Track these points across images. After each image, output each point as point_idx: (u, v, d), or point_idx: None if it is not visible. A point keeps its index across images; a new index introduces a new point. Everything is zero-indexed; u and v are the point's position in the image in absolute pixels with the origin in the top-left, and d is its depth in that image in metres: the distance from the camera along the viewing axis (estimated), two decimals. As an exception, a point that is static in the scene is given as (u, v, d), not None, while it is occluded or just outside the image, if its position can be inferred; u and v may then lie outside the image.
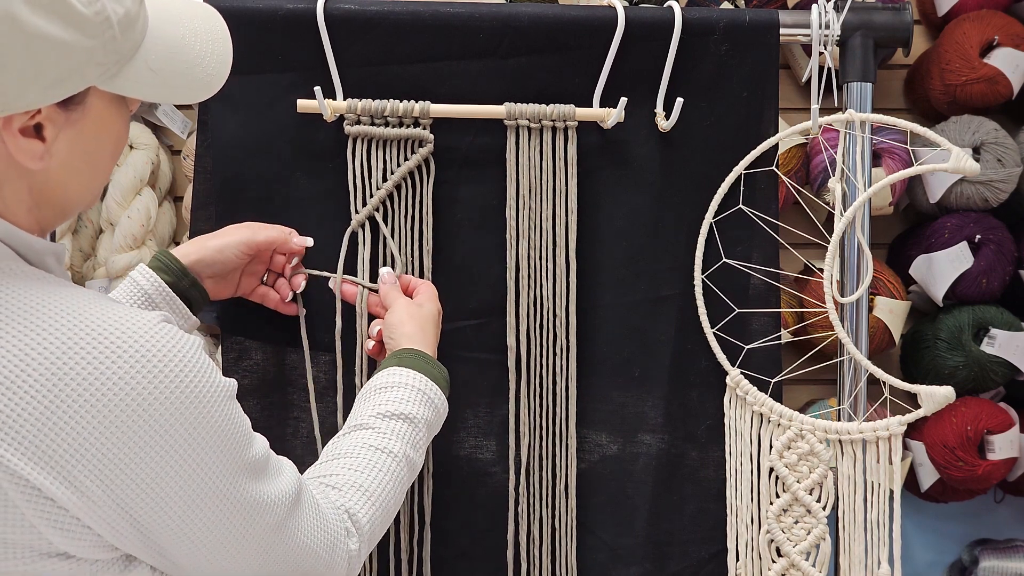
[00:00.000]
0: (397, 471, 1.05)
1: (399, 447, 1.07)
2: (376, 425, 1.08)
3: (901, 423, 1.34)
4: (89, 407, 0.76)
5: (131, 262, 1.65)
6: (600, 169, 1.38)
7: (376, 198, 1.33)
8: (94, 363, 0.77)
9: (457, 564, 1.38)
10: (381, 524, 1.03)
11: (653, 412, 1.39)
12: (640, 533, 1.39)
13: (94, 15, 0.79)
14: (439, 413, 1.15)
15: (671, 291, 1.39)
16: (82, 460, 0.76)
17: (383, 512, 1.03)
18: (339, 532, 0.97)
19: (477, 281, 1.38)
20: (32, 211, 0.87)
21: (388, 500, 1.04)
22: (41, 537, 0.78)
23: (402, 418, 1.09)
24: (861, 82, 1.39)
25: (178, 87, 0.89)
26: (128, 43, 0.84)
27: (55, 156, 0.84)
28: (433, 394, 1.14)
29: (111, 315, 0.79)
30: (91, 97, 0.85)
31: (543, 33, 1.35)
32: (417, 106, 1.32)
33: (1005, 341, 1.70)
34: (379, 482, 1.03)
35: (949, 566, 1.92)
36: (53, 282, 0.83)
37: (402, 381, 1.13)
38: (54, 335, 0.77)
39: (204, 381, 0.82)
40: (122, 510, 0.79)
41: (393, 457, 1.05)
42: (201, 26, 0.92)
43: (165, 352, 0.79)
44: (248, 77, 1.34)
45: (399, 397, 1.11)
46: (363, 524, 1.00)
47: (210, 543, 0.84)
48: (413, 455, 1.09)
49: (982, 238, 1.70)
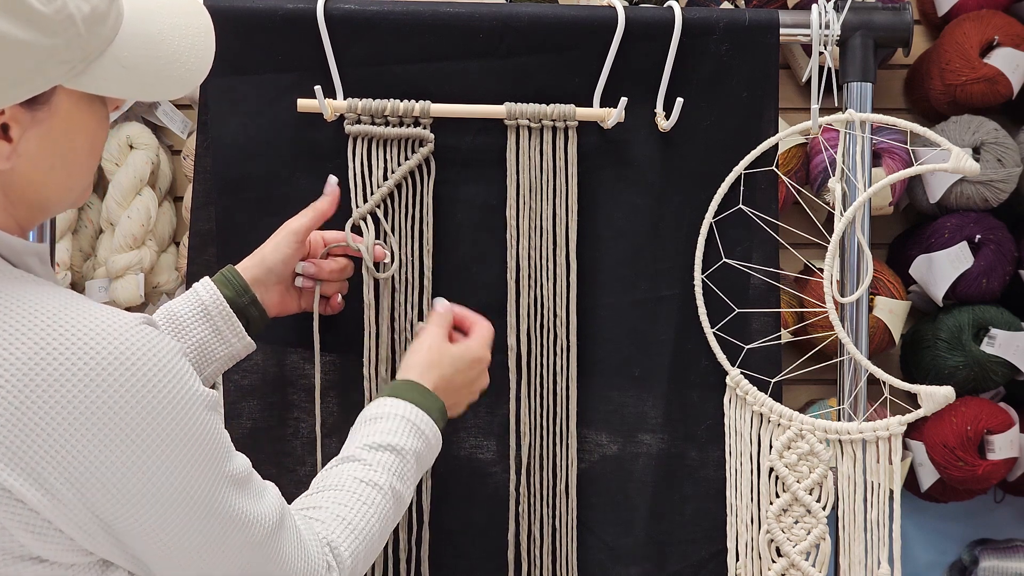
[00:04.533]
0: (383, 504, 1.01)
1: (385, 479, 1.02)
2: (363, 457, 1.04)
3: (901, 423, 1.34)
4: (60, 408, 0.75)
5: (131, 262, 1.65)
6: (600, 169, 1.38)
7: (377, 195, 1.33)
8: (67, 363, 0.76)
9: (457, 564, 1.38)
10: (364, 560, 0.99)
11: (653, 412, 1.39)
12: (640, 533, 1.39)
13: (54, 13, 0.77)
14: (430, 445, 1.10)
15: (671, 291, 1.39)
16: (52, 462, 0.75)
17: (366, 547, 0.99)
18: (320, 565, 0.93)
19: (477, 281, 1.38)
20: (8, 211, 0.85)
21: (372, 535, 0.99)
22: (12, 540, 0.77)
23: (389, 449, 1.05)
24: (861, 82, 1.39)
25: (153, 84, 0.87)
26: (96, 40, 0.81)
27: (24, 156, 0.82)
28: (424, 425, 1.09)
29: (86, 315, 0.78)
30: (58, 96, 0.82)
31: (543, 33, 1.35)
32: (417, 106, 1.32)
33: (1005, 341, 1.70)
34: (362, 515, 0.99)
35: (949, 566, 1.92)
36: (31, 282, 0.82)
37: (392, 412, 1.08)
38: (27, 335, 0.76)
39: (178, 386, 0.80)
40: (92, 513, 0.78)
41: (379, 490, 1.01)
42: (181, 21, 0.89)
43: (139, 354, 0.78)
44: (248, 77, 1.34)
45: (387, 428, 1.06)
46: (345, 558, 0.96)
47: (183, 550, 0.82)
48: (400, 488, 1.04)
49: (982, 238, 1.70)
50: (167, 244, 1.75)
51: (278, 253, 1.23)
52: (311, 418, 1.35)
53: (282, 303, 1.26)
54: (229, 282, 1.20)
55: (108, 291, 1.68)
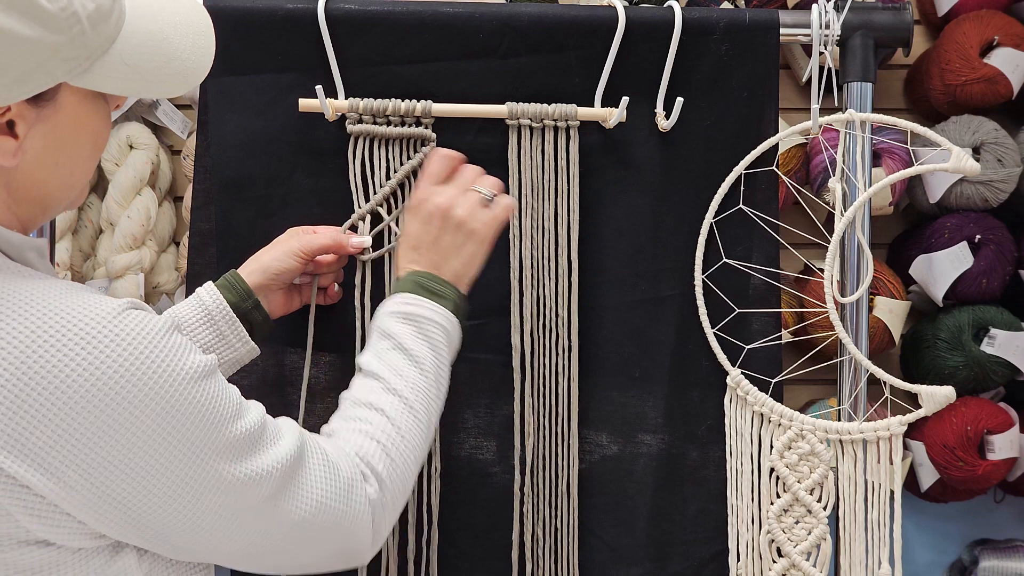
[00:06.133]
0: (403, 411, 1.01)
1: (401, 385, 1.03)
2: (378, 370, 1.04)
3: (901, 423, 1.34)
4: (59, 394, 0.76)
5: (131, 262, 1.65)
6: (600, 169, 1.38)
7: (379, 194, 1.33)
8: (62, 350, 0.77)
9: (459, 564, 1.38)
10: (401, 470, 0.99)
11: (653, 412, 1.39)
12: (641, 533, 1.39)
13: (59, 11, 0.79)
14: (449, 326, 1.11)
15: (671, 291, 1.39)
16: (56, 447, 0.76)
17: (400, 455, 0.99)
18: (354, 478, 0.94)
19: (478, 281, 1.36)
20: (11, 208, 0.86)
21: (400, 442, 0.99)
22: (19, 525, 0.78)
23: (398, 351, 1.05)
24: (861, 82, 1.39)
25: (155, 82, 0.88)
26: (100, 38, 0.82)
27: (29, 153, 0.84)
28: (445, 320, 1.10)
29: (76, 303, 0.79)
30: (63, 93, 0.84)
31: (543, 33, 1.35)
32: (419, 105, 1.32)
33: (1005, 341, 1.70)
34: (380, 427, 0.99)
35: (949, 566, 1.92)
36: (27, 274, 0.83)
37: (411, 311, 1.08)
38: (22, 324, 0.77)
39: (172, 362, 0.81)
40: (105, 496, 0.79)
41: (400, 398, 1.02)
42: (183, 20, 0.90)
43: (131, 335, 0.79)
44: (248, 77, 1.34)
45: (407, 332, 1.06)
46: (378, 469, 0.96)
47: (203, 521, 0.83)
48: (421, 378, 1.04)
49: (982, 238, 1.70)
50: (167, 244, 1.75)
51: (284, 265, 1.23)
52: (311, 418, 1.35)
53: (287, 303, 1.28)
54: (232, 287, 1.20)
55: (108, 291, 1.68)
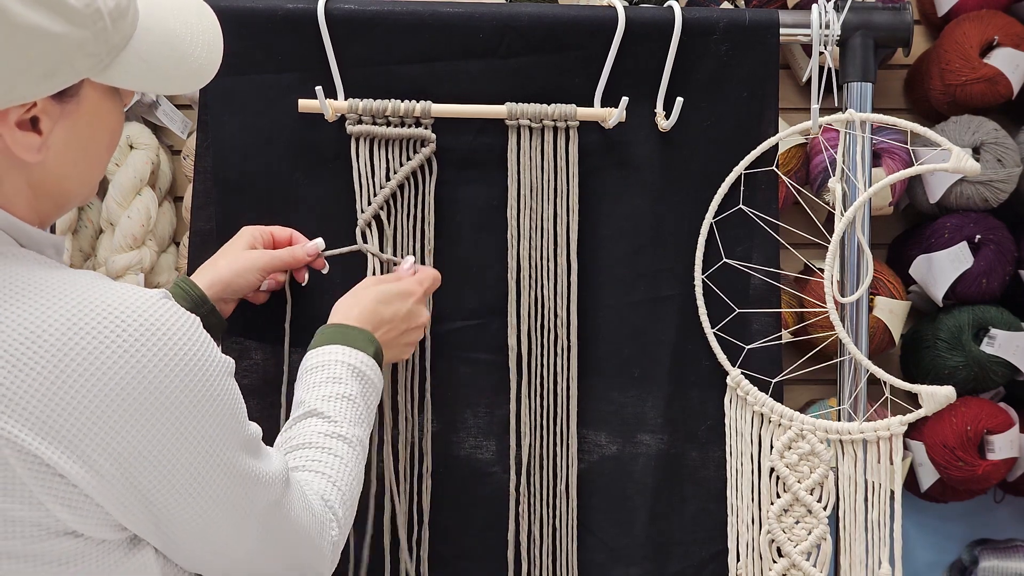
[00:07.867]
0: (352, 454, 1.06)
1: (349, 430, 1.07)
2: (323, 410, 1.08)
3: (902, 423, 1.34)
4: (96, 382, 0.77)
5: (131, 262, 1.65)
6: (600, 169, 1.38)
7: (380, 196, 1.33)
8: (100, 339, 0.78)
9: (457, 564, 1.38)
10: (350, 510, 1.04)
11: (653, 412, 1.39)
12: (640, 533, 1.39)
13: (84, 7, 0.80)
14: (372, 383, 1.14)
15: (671, 291, 1.39)
16: (93, 436, 0.77)
17: (350, 497, 1.04)
18: (325, 518, 0.99)
19: (477, 281, 1.37)
20: (32, 205, 0.87)
21: (352, 484, 1.05)
22: (49, 514, 0.78)
23: (342, 398, 1.09)
24: (861, 82, 1.39)
25: (171, 78, 0.90)
26: (119, 34, 0.84)
27: (52, 149, 0.85)
28: (361, 363, 1.13)
29: (114, 293, 0.81)
30: (85, 89, 0.85)
31: (543, 33, 1.35)
32: (418, 106, 1.32)
33: (1005, 341, 1.70)
34: (339, 469, 1.04)
35: (949, 566, 1.92)
36: (55, 265, 0.84)
37: (329, 359, 1.13)
38: (59, 312, 0.78)
39: (206, 355, 0.83)
40: (132, 486, 0.80)
41: (346, 442, 1.06)
42: (193, 19, 0.93)
43: (168, 327, 0.81)
44: (248, 77, 1.34)
45: (332, 376, 1.11)
46: (338, 511, 1.01)
47: (213, 517, 0.85)
48: (362, 434, 1.09)
49: (982, 238, 1.70)
50: (167, 244, 1.75)
51: (245, 280, 1.25)
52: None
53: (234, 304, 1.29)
54: (187, 294, 1.22)
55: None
